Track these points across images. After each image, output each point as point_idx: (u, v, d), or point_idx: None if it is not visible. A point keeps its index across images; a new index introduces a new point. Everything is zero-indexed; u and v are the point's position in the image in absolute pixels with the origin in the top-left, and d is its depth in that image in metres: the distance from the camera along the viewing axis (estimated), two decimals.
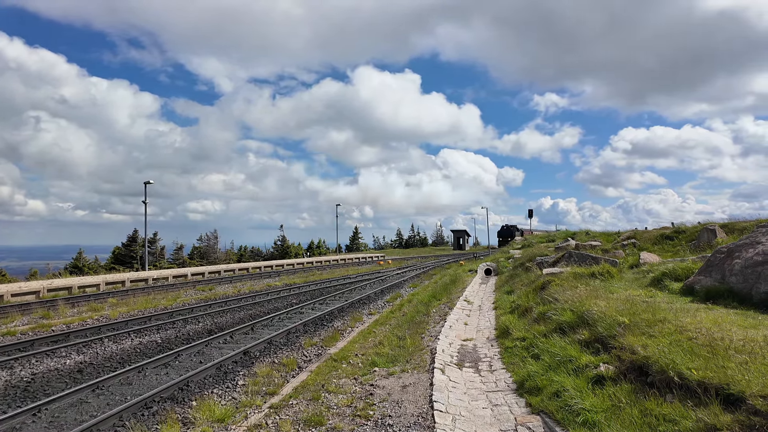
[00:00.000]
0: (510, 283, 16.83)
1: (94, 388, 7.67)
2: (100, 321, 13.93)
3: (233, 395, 7.50)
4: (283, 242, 63.70)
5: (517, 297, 12.64)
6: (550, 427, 5.14)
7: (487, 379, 7.20)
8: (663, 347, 5.25)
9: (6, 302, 17.30)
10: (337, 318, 14.37)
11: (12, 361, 9.31)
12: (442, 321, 11.52)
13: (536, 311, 9.59)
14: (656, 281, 9.63)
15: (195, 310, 15.70)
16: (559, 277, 11.65)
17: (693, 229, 15.99)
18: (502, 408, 5.93)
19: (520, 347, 8.10)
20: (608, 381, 5.45)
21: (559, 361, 6.47)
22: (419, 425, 5.30)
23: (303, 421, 5.58)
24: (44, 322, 13.76)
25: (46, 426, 6.35)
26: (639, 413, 4.60)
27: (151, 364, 8.92)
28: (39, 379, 8.40)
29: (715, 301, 7.48)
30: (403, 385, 6.76)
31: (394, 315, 13.81)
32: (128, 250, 46.12)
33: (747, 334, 5.19)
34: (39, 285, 19.53)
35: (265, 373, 8.36)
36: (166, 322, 13.34)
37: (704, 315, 6.29)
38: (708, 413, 4.03)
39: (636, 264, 11.99)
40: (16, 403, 7.27)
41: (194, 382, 8.02)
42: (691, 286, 8.45)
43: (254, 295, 19.71)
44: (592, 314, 7.21)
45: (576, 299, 8.46)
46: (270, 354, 10.07)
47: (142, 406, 6.91)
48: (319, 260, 44.26)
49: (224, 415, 6.23)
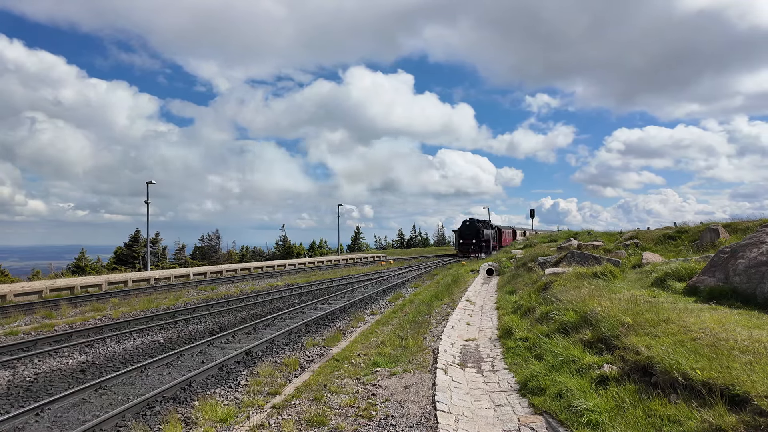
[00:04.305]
0: (512, 283, 16.80)
1: (97, 387, 7.68)
2: (103, 321, 13.94)
3: (235, 395, 7.50)
4: (284, 242, 63.73)
5: (520, 297, 12.62)
6: (554, 427, 5.13)
7: (490, 379, 7.19)
8: (667, 347, 5.23)
9: (9, 302, 17.33)
10: (339, 318, 14.36)
11: (15, 360, 9.32)
12: (444, 321, 11.51)
13: (539, 311, 9.57)
14: (659, 281, 9.59)
15: (197, 310, 15.70)
16: (562, 277, 11.62)
17: (696, 229, 15.94)
18: (505, 408, 5.92)
19: (523, 347, 8.08)
20: (612, 381, 5.44)
21: (562, 361, 6.45)
22: (422, 425, 5.29)
23: (305, 421, 5.57)
24: (47, 322, 13.78)
25: (49, 426, 6.36)
26: (643, 414, 4.58)
27: (153, 364, 8.93)
28: (41, 379, 8.41)
29: (718, 301, 7.44)
30: (405, 385, 6.75)
31: (396, 315, 13.80)
32: (130, 250, 46.17)
33: (751, 335, 5.17)
34: (41, 285, 19.57)
35: (267, 373, 8.36)
36: (169, 322, 13.35)
37: (708, 315, 6.26)
38: (713, 414, 4.01)
39: (639, 264, 11.95)
40: (19, 402, 7.27)
41: (196, 382, 8.03)
42: (695, 286, 8.41)
43: (256, 295, 19.72)
44: (595, 314, 7.19)
45: (578, 299, 8.43)
46: (272, 354, 10.07)
47: (144, 406, 6.91)
48: (321, 260, 44.26)
49: (226, 415, 6.24)
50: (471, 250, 52.18)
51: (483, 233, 52.27)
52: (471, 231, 53.13)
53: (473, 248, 52.39)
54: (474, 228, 53.02)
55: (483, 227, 52.61)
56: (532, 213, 42.82)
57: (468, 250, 52.79)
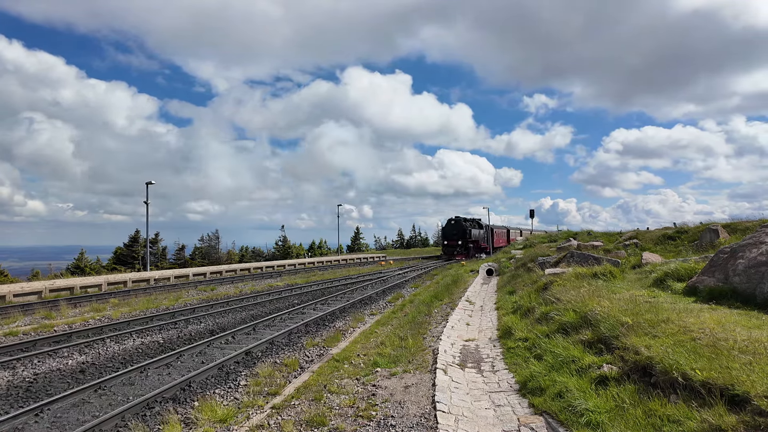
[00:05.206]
0: (512, 284, 16.80)
1: (97, 388, 7.67)
2: (102, 321, 13.93)
3: (235, 395, 7.50)
4: (284, 242, 63.74)
5: (519, 297, 12.62)
6: (554, 427, 5.13)
7: (490, 379, 7.19)
8: (667, 347, 5.23)
9: (8, 302, 17.32)
10: (339, 318, 14.36)
11: (14, 361, 9.32)
12: (444, 321, 11.50)
13: (538, 311, 9.57)
14: (659, 281, 9.60)
15: (197, 311, 15.70)
16: (561, 278, 11.62)
17: (695, 229, 15.95)
18: (504, 408, 5.91)
19: (523, 348, 8.08)
20: (611, 381, 5.44)
21: (562, 361, 6.45)
22: (422, 426, 5.29)
23: (305, 422, 5.57)
24: (46, 323, 13.77)
25: (49, 426, 6.35)
26: (643, 414, 4.58)
27: (153, 365, 8.92)
28: (41, 380, 8.40)
29: (718, 301, 7.45)
30: (405, 385, 6.75)
31: (395, 315, 13.80)
32: (130, 250, 46.17)
33: (751, 335, 5.17)
34: (41, 285, 19.55)
35: (267, 373, 8.36)
36: (168, 323, 13.34)
37: (708, 315, 6.26)
38: (712, 414, 4.01)
39: (638, 264, 11.96)
40: (18, 403, 7.27)
41: (196, 383, 8.02)
42: (694, 286, 8.41)
43: (256, 296, 19.71)
44: (594, 314, 7.20)
45: (578, 299, 8.44)
46: (272, 354, 10.07)
47: (144, 406, 6.91)
48: (321, 260, 44.25)
49: (226, 416, 6.23)
50: (456, 253, 45.78)
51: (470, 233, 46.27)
52: (456, 231, 46.45)
53: (458, 250, 45.95)
54: (460, 228, 46.39)
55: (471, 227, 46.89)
56: (532, 213, 42.74)
57: (453, 252, 46.17)
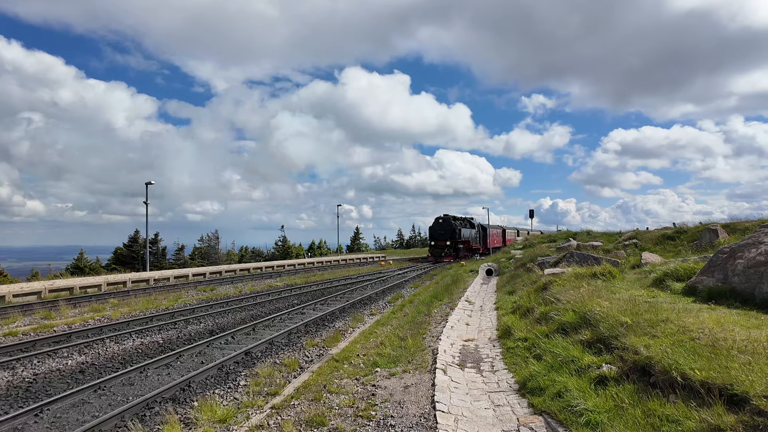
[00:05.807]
0: (511, 284, 16.81)
1: (96, 388, 7.67)
2: (102, 321, 13.92)
3: (235, 395, 7.50)
4: (284, 243, 63.73)
5: (519, 297, 12.63)
6: (553, 427, 5.13)
7: (489, 379, 7.19)
8: (666, 347, 5.24)
9: (7, 303, 17.30)
10: (339, 318, 14.35)
11: (14, 361, 9.31)
12: (444, 321, 11.51)
13: (538, 311, 9.58)
14: (658, 281, 9.61)
15: (196, 311, 15.69)
16: (561, 278, 11.63)
17: (695, 230, 15.97)
18: (504, 408, 5.92)
19: (522, 348, 8.09)
20: (611, 381, 5.44)
21: (562, 361, 6.46)
22: (421, 426, 5.29)
23: (305, 422, 5.57)
24: (46, 323, 13.76)
25: (48, 426, 6.35)
26: (642, 414, 4.58)
27: (152, 365, 8.92)
28: (41, 380, 8.40)
29: (717, 301, 7.46)
30: (405, 385, 6.75)
31: (395, 315, 13.80)
32: (130, 250, 46.14)
33: (750, 335, 5.18)
34: (41, 285, 19.53)
35: (266, 373, 8.36)
36: (168, 323, 13.33)
37: (707, 315, 6.27)
38: (711, 414, 4.02)
39: (638, 264, 11.98)
40: (18, 403, 7.26)
41: (196, 383, 8.02)
42: (694, 286, 8.43)
43: (255, 296, 19.70)
44: (594, 314, 7.20)
45: (578, 299, 8.44)
46: (271, 354, 10.07)
47: (143, 406, 6.91)
48: (320, 261, 44.23)
49: (226, 416, 6.23)
50: (444, 254, 41.98)
51: (460, 233, 42.51)
52: (445, 230, 42.29)
53: (447, 251, 42.11)
54: (449, 227, 42.16)
55: (461, 226, 43.15)
56: (532, 213, 42.73)
57: (440, 254, 42.07)
